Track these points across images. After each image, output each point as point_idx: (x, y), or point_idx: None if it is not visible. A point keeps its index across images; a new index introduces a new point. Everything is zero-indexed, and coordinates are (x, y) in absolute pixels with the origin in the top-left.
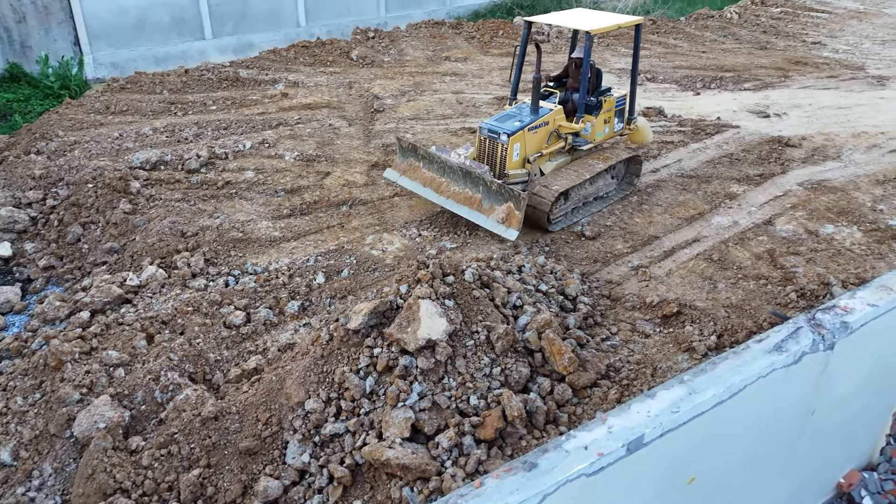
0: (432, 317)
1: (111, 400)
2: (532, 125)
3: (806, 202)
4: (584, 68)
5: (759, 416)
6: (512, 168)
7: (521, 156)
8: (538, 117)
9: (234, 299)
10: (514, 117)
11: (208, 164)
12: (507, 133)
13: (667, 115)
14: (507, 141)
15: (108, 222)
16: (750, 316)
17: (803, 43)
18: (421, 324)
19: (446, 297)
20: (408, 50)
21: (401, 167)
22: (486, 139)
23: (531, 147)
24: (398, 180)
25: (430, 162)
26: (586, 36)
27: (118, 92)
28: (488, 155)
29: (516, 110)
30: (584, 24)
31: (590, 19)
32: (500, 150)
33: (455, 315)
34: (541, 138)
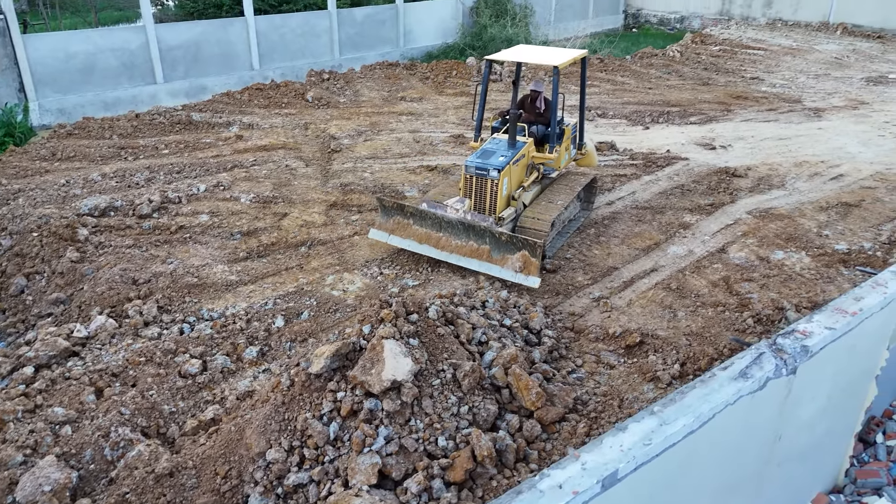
0: (397, 357)
1: (57, 460)
2: (515, 158)
3: (755, 230)
4: (553, 100)
5: (728, 444)
6: (501, 208)
7: (508, 190)
8: (517, 151)
9: (190, 347)
10: (495, 153)
11: (161, 208)
12: (497, 168)
13: (619, 149)
14: (498, 176)
15: (53, 272)
16: (711, 343)
17: (742, 78)
18: (385, 365)
19: (410, 335)
20: (363, 91)
21: (387, 226)
22: (472, 177)
23: (515, 180)
24: (388, 240)
25: (423, 218)
26: (554, 70)
27: (65, 138)
28: (477, 192)
29: (493, 146)
30: (550, 60)
31: (548, 55)
32: (491, 186)
33: (420, 354)
34: (521, 171)
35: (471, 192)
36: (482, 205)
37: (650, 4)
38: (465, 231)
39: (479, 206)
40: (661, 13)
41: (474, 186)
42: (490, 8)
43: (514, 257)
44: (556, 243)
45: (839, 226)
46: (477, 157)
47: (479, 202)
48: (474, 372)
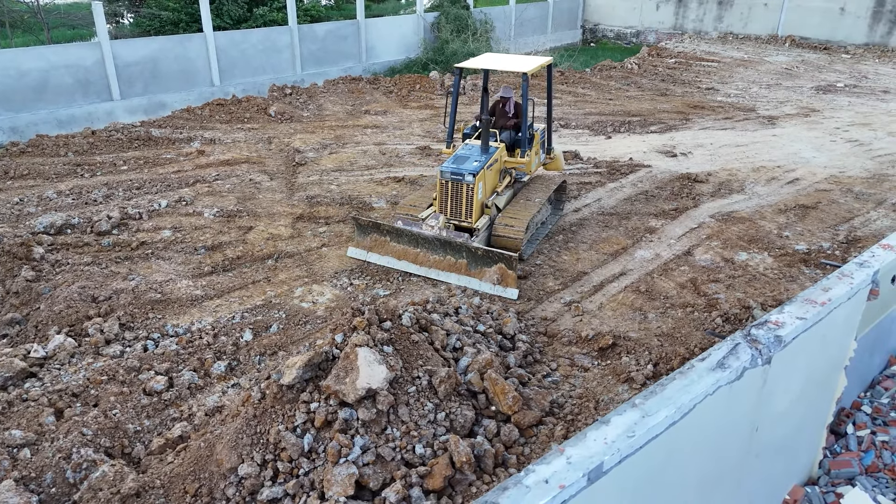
0: (371, 365)
1: (16, 485)
2: (489, 163)
3: (719, 232)
4: (524, 106)
5: (709, 435)
6: (477, 216)
7: (483, 195)
8: (490, 156)
9: (155, 364)
10: (469, 158)
11: (121, 225)
12: (472, 173)
13: (583, 158)
14: (473, 181)
15: (8, 292)
16: (682, 343)
17: (698, 89)
18: (360, 373)
19: (384, 343)
20: (326, 105)
21: (364, 244)
22: (448, 182)
23: (489, 185)
24: (367, 258)
25: (399, 235)
26: (523, 77)
27: (17, 156)
28: (452, 197)
29: (466, 152)
30: (519, 66)
31: (516, 62)
32: (466, 190)
33: (395, 361)
34: (495, 176)
35: (446, 198)
36: (458, 209)
37: (607, 20)
38: (441, 247)
39: (454, 210)
40: (618, 28)
41: (450, 191)
42: (451, 23)
43: (492, 270)
44: (531, 247)
45: (798, 227)
46: (451, 163)
47: (454, 207)
48: (450, 378)
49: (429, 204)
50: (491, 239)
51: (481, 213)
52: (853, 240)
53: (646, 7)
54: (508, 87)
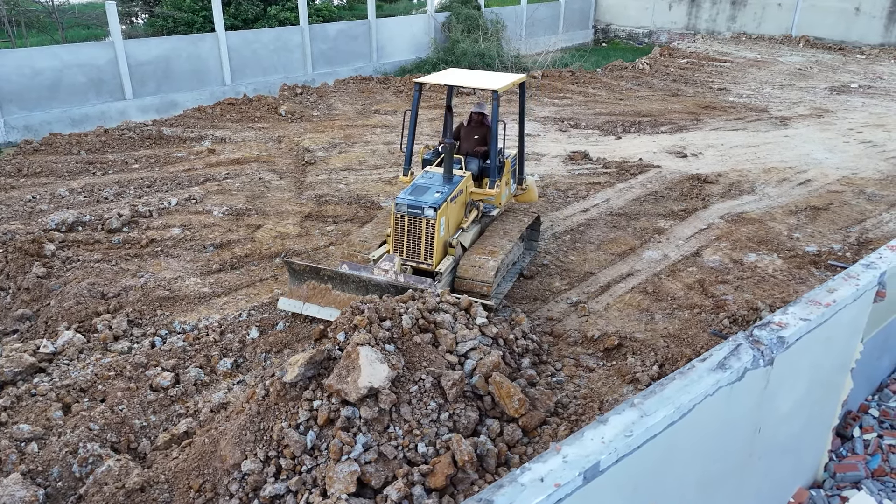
0: (373, 364)
1: (23, 478)
2: (452, 195)
3: (728, 233)
4: (493, 129)
5: (709, 436)
6: (438, 257)
7: (446, 232)
8: (454, 186)
9: (162, 360)
10: (429, 189)
11: (131, 222)
12: (433, 206)
13: (592, 158)
14: (434, 216)
15: (19, 288)
16: (688, 344)
17: (710, 89)
18: (361, 372)
19: (386, 341)
20: (337, 104)
21: (300, 293)
22: (405, 217)
23: (453, 220)
24: (304, 310)
25: (345, 282)
26: (493, 95)
27: (31, 154)
28: (410, 235)
29: (427, 181)
30: (488, 84)
31: (485, 79)
32: (426, 227)
33: (397, 360)
34: (459, 209)
35: (402, 235)
36: (416, 248)
37: (619, 20)
38: (398, 294)
39: (412, 250)
40: (630, 28)
41: (406, 228)
42: (462, 23)
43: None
44: (502, 289)
45: (809, 228)
46: (408, 194)
47: (412, 246)
48: (462, 381)
49: (381, 241)
50: (455, 283)
51: (444, 253)
52: (865, 242)
53: (658, 7)
54: (483, 104)
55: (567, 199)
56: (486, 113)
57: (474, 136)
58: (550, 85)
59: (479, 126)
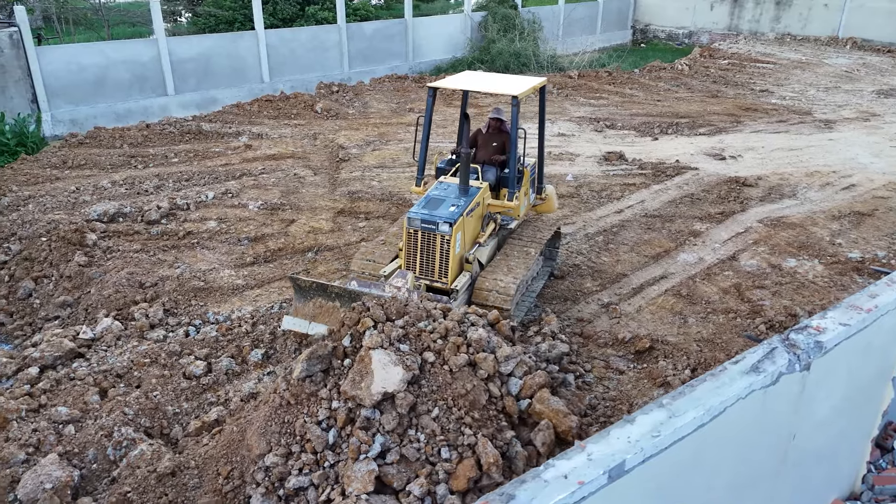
0: (386, 367)
1: (59, 459)
2: (469, 208)
3: (767, 238)
4: (513, 137)
5: (740, 440)
6: (454, 274)
7: (462, 248)
8: (471, 198)
9: (195, 349)
10: (444, 201)
11: (169, 215)
12: (449, 222)
13: (627, 159)
14: (450, 231)
15: (61, 276)
16: (722, 349)
17: (752, 91)
18: (374, 377)
19: (400, 340)
20: (372, 102)
21: (305, 311)
22: (418, 232)
23: (469, 235)
24: (309, 330)
25: (353, 299)
26: (513, 100)
27: (76, 147)
28: (423, 251)
29: (441, 192)
30: (507, 88)
31: (502, 83)
32: (441, 243)
33: (412, 361)
34: (476, 223)
35: (415, 251)
36: (430, 266)
37: (658, 20)
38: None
39: (426, 267)
40: (670, 28)
41: (420, 244)
42: (498, 23)
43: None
44: (521, 311)
45: (852, 234)
46: (422, 208)
47: (426, 263)
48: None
49: (393, 256)
50: (472, 303)
51: (459, 269)
52: None
53: (699, 7)
54: (501, 109)
55: (601, 200)
56: (504, 119)
57: (492, 144)
58: (587, 85)
59: (497, 133)
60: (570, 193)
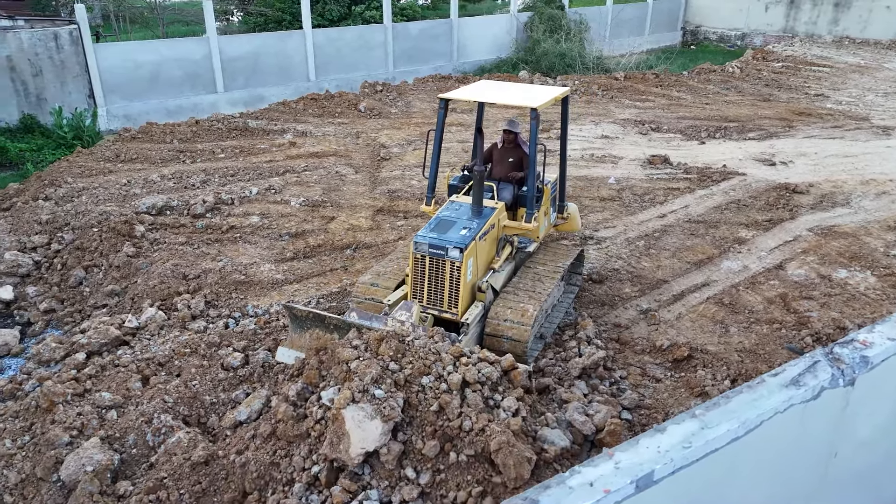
0: (362, 424)
1: (101, 443)
2: (482, 231)
3: (817, 247)
4: (531, 151)
5: (777, 456)
6: (465, 305)
7: (474, 276)
8: (485, 220)
9: (233, 341)
10: (455, 223)
11: (214, 209)
12: (459, 247)
13: (672, 163)
14: (460, 257)
15: (110, 265)
16: (765, 360)
17: (806, 95)
18: (351, 438)
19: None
20: (415, 102)
21: (300, 343)
22: (425, 258)
23: (482, 261)
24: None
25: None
26: (532, 113)
27: (129, 141)
28: (431, 278)
29: (452, 213)
30: (525, 100)
31: (521, 93)
32: (451, 270)
33: (390, 406)
34: (490, 247)
35: (422, 278)
36: (438, 295)
37: (710, 21)
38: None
39: (433, 296)
40: (721, 30)
41: (427, 270)
42: (544, 23)
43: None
44: (539, 345)
45: None
46: (430, 231)
47: (434, 292)
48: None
49: (399, 281)
50: (484, 338)
51: (471, 299)
52: None
53: (753, 8)
54: (516, 121)
55: (643, 204)
56: (517, 131)
57: (508, 160)
58: (632, 87)
59: (513, 148)
60: (611, 196)
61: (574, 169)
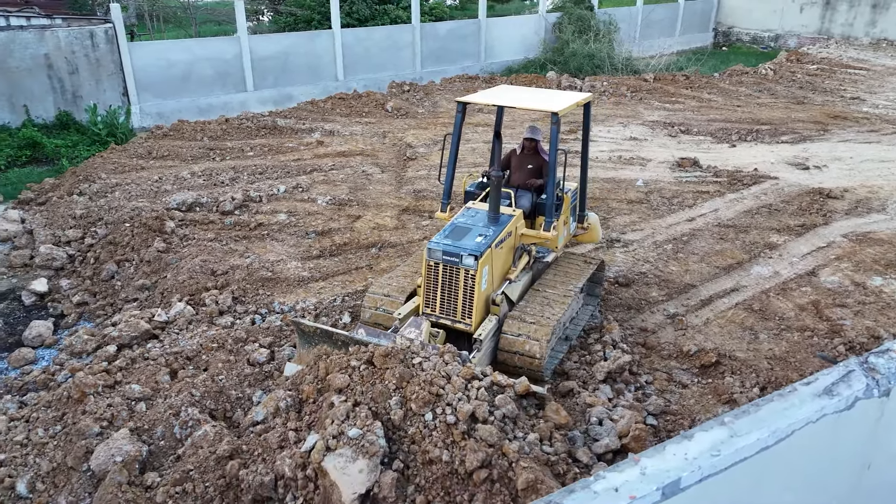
0: (346, 469)
1: (130, 434)
2: (499, 239)
3: (851, 253)
4: (551, 158)
5: (808, 467)
6: (479, 317)
7: (489, 285)
8: (501, 228)
9: (260, 337)
10: (470, 230)
11: (242, 206)
12: (474, 254)
13: (702, 166)
14: (476, 265)
15: (141, 260)
16: (795, 368)
17: (842, 98)
18: (340, 487)
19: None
20: (441, 102)
21: (309, 358)
22: (438, 265)
23: (498, 270)
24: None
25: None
26: (553, 118)
27: (161, 138)
28: (444, 287)
29: (468, 220)
30: (546, 104)
31: (542, 98)
32: (465, 278)
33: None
34: (507, 256)
35: (435, 287)
36: (451, 304)
37: (743, 22)
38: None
39: (446, 305)
40: (755, 31)
41: (441, 279)
42: (573, 24)
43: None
44: (554, 361)
45: None
46: (444, 237)
47: (446, 301)
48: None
49: (410, 292)
50: (497, 352)
51: (485, 311)
52: None
53: (788, 9)
54: (537, 128)
55: (671, 207)
56: (539, 139)
57: (527, 167)
58: (662, 89)
59: (533, 154)
60: (639, 199)
61: (601, 171)
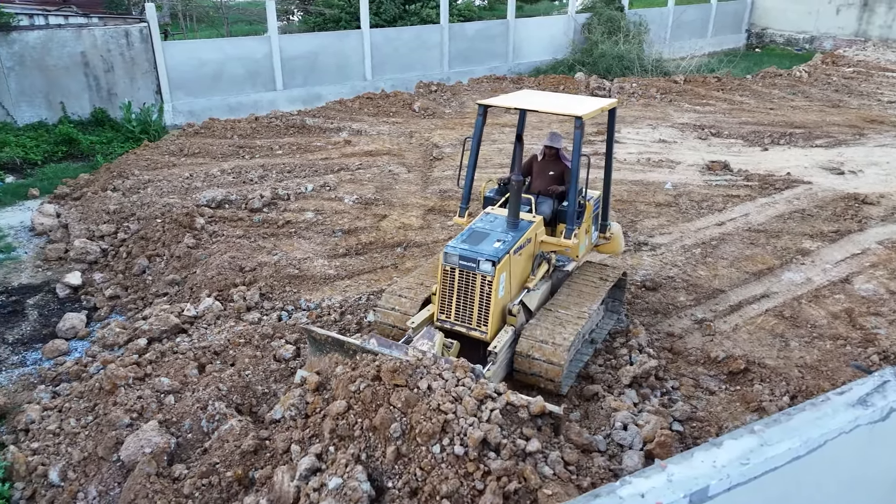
0: None
1: (159, 426)
2: (517, 245)
3: (887, 261)
4: (574, 164)
5: (840, 478)
6: (494, 327)
7: (506, 292)
8: (521, 233)
9: (286, 333)
10: (489, 236)
11: (271, 204)
12: (492, 260)
13: (732, 170)
14: (493, 271)
15: (172, 255)
16: (827, 377)
17: (879, 102)
18: None
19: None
20: (468, 102)
21: (321, 366)
22: (455, 270)
23: (516, 277)
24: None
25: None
26: (576, 122)
27: (192, 136)
28: (460, 293)
29: (487, 225)
30: (570, 108)
31: (566, 102)
32: (482, 285)
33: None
34: (525, 263)
35: (451, 293)
36: (468, 311)
37: (777, 24)
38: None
39: (462, 313)
40: (789, 33)
41: (457, 285)
42: (603, 25)
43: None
44: (571, 375)
45: None
46: (462, 242)
47: (462, 308)
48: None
49: (425, 299)
50: (514, 364)
51: (502, 320)
52: None
53: (824, 11)
54: (558, 135)
55: (701, 211)
56: (559, 147)
57: (549, 173)
58: (692, 91)
59: (553, 161)
60: (667, 202)
61: (630, 173)
